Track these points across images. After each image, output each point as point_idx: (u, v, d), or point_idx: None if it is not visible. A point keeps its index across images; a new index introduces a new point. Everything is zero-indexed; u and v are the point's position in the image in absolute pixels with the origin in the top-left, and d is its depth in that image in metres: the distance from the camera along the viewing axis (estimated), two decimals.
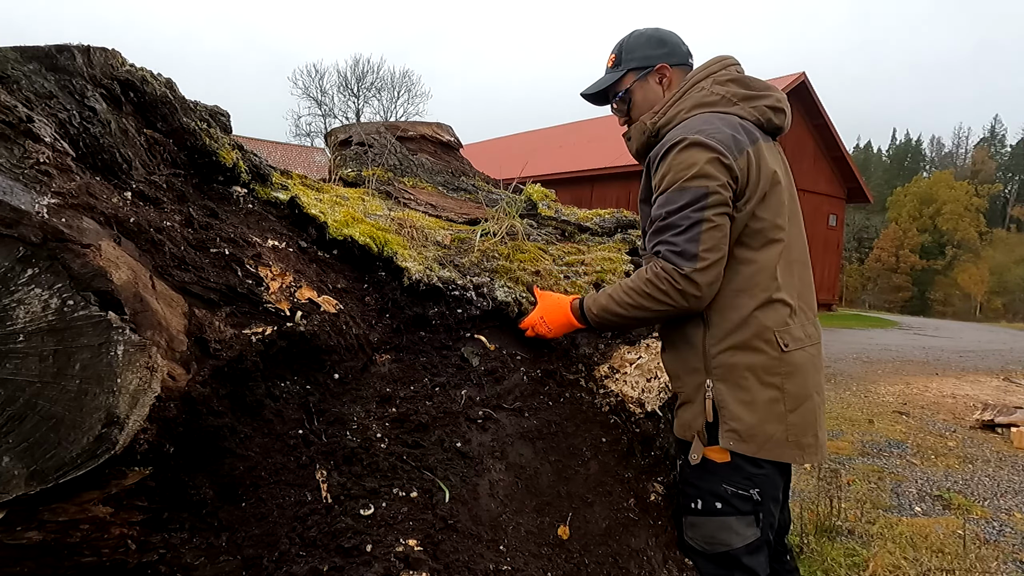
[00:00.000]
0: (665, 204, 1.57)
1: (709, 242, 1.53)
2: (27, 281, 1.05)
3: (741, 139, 1.57)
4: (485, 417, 1.69)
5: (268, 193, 1.96)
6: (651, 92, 1.78)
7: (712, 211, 1.52)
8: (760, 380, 1.57)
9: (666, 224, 1.56)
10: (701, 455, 1.61)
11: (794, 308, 1.62)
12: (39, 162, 1.17)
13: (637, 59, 1.77)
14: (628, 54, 1.79)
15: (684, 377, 1.67)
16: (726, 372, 1.59)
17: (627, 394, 1.92)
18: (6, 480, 1.05)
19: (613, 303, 1.66)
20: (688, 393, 1.66)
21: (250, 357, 1.44)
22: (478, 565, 1.42)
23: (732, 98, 1.66)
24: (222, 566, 1.32)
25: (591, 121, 23.97)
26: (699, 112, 1.64)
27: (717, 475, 1.61)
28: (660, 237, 1.58)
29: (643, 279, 1.59)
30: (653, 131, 1.71)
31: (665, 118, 1.69)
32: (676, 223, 1.54)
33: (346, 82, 41.09)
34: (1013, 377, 8.99)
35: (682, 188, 1.54)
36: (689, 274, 1.52)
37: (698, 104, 1.66)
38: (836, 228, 21.97)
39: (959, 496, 4.02)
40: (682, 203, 1.53)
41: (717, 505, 1.61)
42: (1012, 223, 56.24)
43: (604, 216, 2.82)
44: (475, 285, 1.91)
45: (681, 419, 1.69)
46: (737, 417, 1.57)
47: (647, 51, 1.77)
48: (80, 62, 1.45)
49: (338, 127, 3.42)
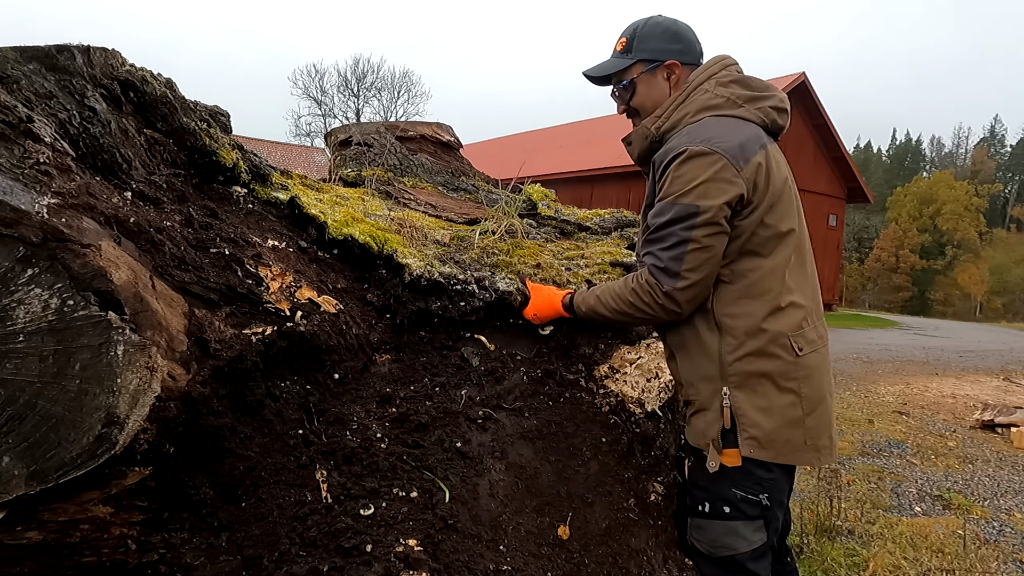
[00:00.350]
0: (658, 214, 1.56)
1: (693, 263, 1.52)
2: (27, 281, 1.05)
3: (749, 146, 1.54)
4: (485, 417, 1.69)
5: (268, 193, 1.96)
6: (656, 87, 1.72)
7: (701, 231, 1.50)
8: (777, 386, 1.56)
9: (656, 236, 1.56)
10: (718, 462, 1.59)
11: (807, 310, 1.60)
12: (39, 162, 1.17)
13: (648, 50, 1.70)
14: (640, 43, 1.71)
15: (698, 385, 1.64)
16: (743, 379, 1.57)
17: (627, 394, 1.91)
18: (6, 480, 1.05)
19: (600, 305, 1.69)
20: (702, 401, 1.63)
21: (250, 357, 1.44)
22: (478, 565, 1.42)
23: (737, 100, 1.63)
24: (222, 566, 1.32)
25: (591, 121, 23.98)
26: (704, 116, 1.61)
27: (727, 479, 1.59)
28: (649, 248, 1.59)
29: (628, 288, 1.61)
30: (657, 136, 1.67)
31: (669, 122, 1.65)
32: (664, 237, 1.54)
33: (346, 82, 41.09)
34: (1013, 377, 8.99)
35: (675, 202, 1.53)
36: (670, 291, 1.54)
37: (703, 108, 1.62)
38: (836, 228, 21.98)
39: (959, 496, 4.02)
40: (672, 217, 1.52)
41: (725, 509, 1.60)
42: (1012, 223, 56.25)
43: (604, 216, 2.82)
44: (476, 279, 1.91)
45: (695, 427, 1.66)
46: (756, 424, 1.55)
47: (660, 44, 1.70)
48: (80, 62, 1.45)
49: (338, 127, 3.42)
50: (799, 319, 1.58)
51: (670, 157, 1.55)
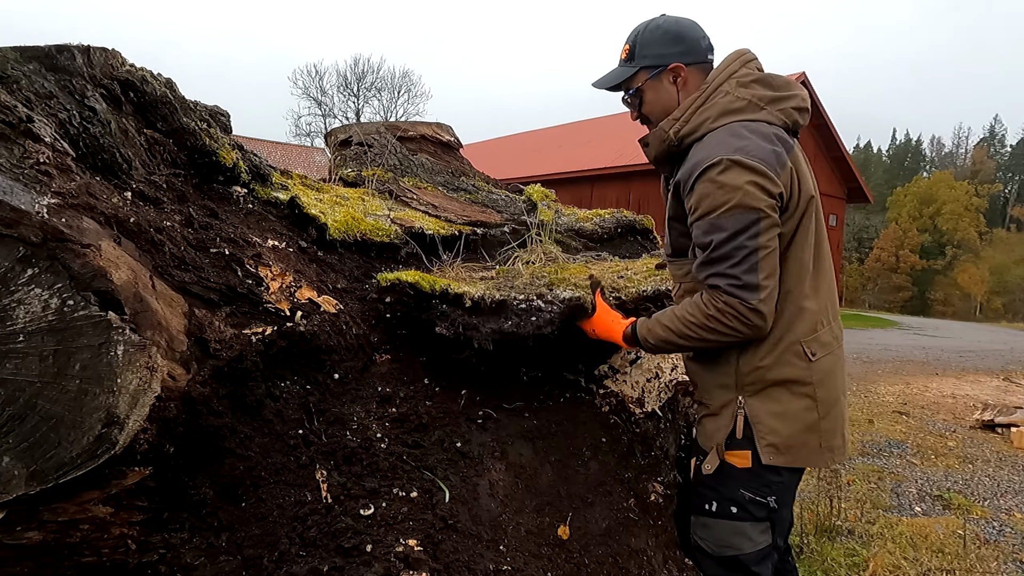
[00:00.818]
0: (712, 231, 1.49)
1: (767, 269, 1.47)
2: (27, 281, 1.05)
3: (780, 152, 1.50)
4: (485, 417, 1.69)
5: (268, 193, 1.96)
6: (664, 93, 1.68)
7: (766, 236, 1.46)
8: (792, 391, 1.55)
9: (720, 255, 1.48)
10: (715, 465, 1.60)
11: (822, 312, 1.59)
12: (39, 162, 1.17)
13: (650, 57, 1.66)
14: (642, 49, 1.67)
15: (713, 391, 1.64)
16: (758, 387, 1.56)
17: (627, 394, 1.91)
18: (6, 480, 1.05)
19: (673, 335, 1.59)
20: (714, 406, 1.64)
21: (250, 357, 1.44)
22: (478, 565, 1.42)
23: (759, 102, 1.57)
24: (222, 566, 1.32)
25: (591, 121, 23.96)
26: (727, 121, 1.55)
27: (735, 480, 1.59)
28: (715, 269, 1.49)
29: (704, 314, 1.52)
30: (675, 140, 1.62)
31: (689, 126, 1.60)
32: (730, 253, 1.46)
33: (346, 82, 41.08)
34: (1013, 377, 8.99)
35: (728, 214, 1.46)
36: (756, 306, 1.47)
37: (725, 112, 1.56)
38: (836, 228, 21.98)
39: (959, 496, 4.02)
40: (733, 231, 1.46)
41: (732, 509, 1.60)
42: (1012, 223, 56.25)
43: (604, 216, 2.82)
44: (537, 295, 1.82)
45: (705, 429, 1.67)
46: (774, 431, 1.55)
47: (661, 48, 1.66)
48: (80, 62, 1.45)
49: (338, 127, 3.42)
50: (813, 323, 1.57)
51: (703, 168, 1.49)
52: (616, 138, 19.44)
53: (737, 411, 1.58)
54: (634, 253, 2.74)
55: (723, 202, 1.46)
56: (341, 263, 1.99)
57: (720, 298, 1.49)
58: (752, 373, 1.57)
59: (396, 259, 2.15)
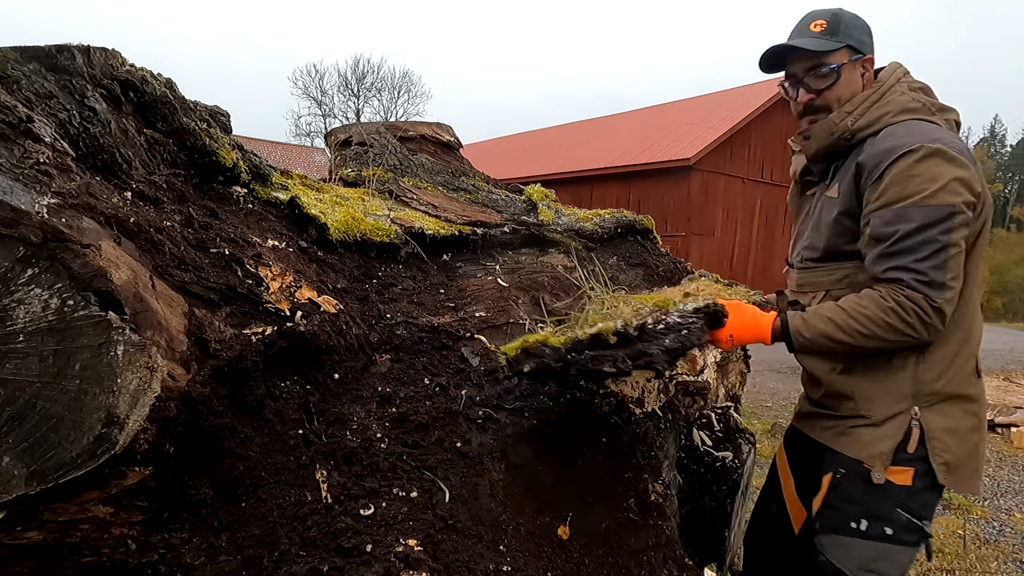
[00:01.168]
0: (897, 221, 1.39)
1: (956, 269, 1.38)
2: (27, 281, 1.05)
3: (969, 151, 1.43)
4: (485, 417, 1.69)
5: (268, 193, 1.96)
6: (853, 81, 1.57)
7: (959, 233, 1.37)
8: (964, 409, 1.49)
9: (905, 247, 1.38)
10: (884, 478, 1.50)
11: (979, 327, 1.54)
12: (39, 162, 1.17)
13: (856, 40, 1.55)
14: (847, 28, 1.55)
15: (879, 399, 1.52)
16: (935, 399, 1.48)
17: (627, 394, 1.91)
18: (6, 480, 1.05)
19: (836, 329, 1.45)
20: (878, 416, 1.52)
21: (250, 357, 1.44)
22: (478, 565, 1.42)
23: (931, 107, 1.51)
24: (222, 566, 1.32)
25: (591, 121, 23.98)
26: (907, 118, 1.48)
27: (892, 497, 1.48)
28: (898, 262, 1.39)
29: (882, 307, 1.40)
30: (848, 135, 1.52)
31: (864, 120, 1.51)
32: (917, 246, 1.37)
33: (346, 82, 41.12)
34: (1013, 377, 8.99)
35: (921, 204, 1.36)
36: (941, 306, 1.37)
37: (905, 109, 1.49)
38: None
39: (959, 496, 4.02)
40: (923, 223, 1.36)
41: (887, 530, 1.49)
42: (1012, 223, 56.26)
43: (604, 216, 2.82)
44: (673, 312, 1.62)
45: (858, 438, 1.54)
46: (949, 448, 1.47)
47: (863, 36, 1.57)
48: (80, 62, 1.46)
49: (338, 127, 3.42)
50: (979, 336, 1.52)
51: (896, 155, 1.40)
52: (616, 138, 19.45)
53: (912, 423, 1.47)
54: (634, 254, 2.74)
55: (917, 191, 1.37)
56: (341, 263, 1.99)
57: (902, 291, 1.39)
58: (932, 383, 1.48)
59: (396, 259, 2.15)
